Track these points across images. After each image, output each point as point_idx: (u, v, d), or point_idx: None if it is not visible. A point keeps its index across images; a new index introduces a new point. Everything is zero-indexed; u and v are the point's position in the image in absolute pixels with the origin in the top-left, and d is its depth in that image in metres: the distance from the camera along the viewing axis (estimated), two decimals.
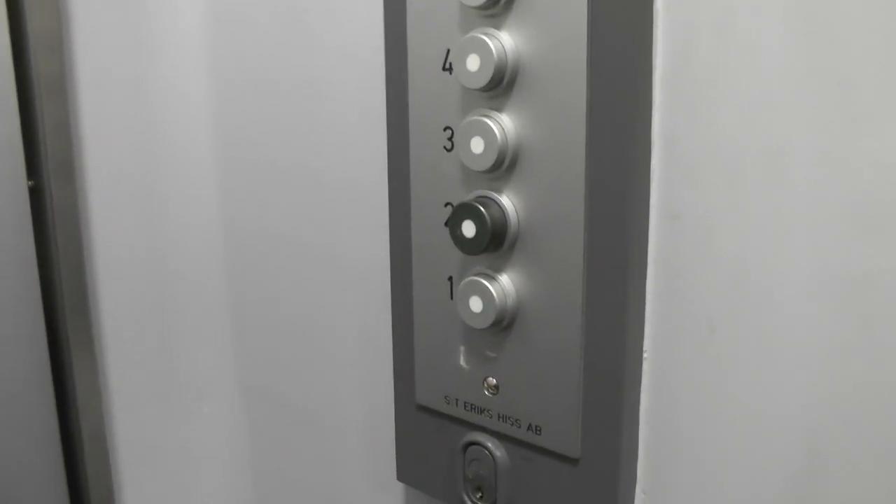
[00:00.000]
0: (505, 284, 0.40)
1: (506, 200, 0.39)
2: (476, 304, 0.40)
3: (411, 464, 0.48)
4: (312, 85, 0.51)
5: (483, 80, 0.37)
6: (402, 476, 0.48)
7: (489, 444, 0.43)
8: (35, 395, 0.57)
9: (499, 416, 0.42)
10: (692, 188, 0.37)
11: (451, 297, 0.42)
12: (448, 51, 0.40)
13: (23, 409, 0.57)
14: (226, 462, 0.63)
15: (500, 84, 0.38)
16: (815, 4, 0.32)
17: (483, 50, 0.37)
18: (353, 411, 0.54)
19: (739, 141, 0.35)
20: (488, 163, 0.38)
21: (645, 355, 0.39)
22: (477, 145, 0.39)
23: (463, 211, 0.39)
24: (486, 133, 0.38)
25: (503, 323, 0.40)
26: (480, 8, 0.37)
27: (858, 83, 0.32)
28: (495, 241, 0.39)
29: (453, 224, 0.40)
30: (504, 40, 0.37)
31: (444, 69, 0.40)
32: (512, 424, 0.42)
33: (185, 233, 0.59)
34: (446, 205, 0.42)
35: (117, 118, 0.56)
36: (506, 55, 0.37)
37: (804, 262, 0.34)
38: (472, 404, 0.43)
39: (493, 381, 0.42)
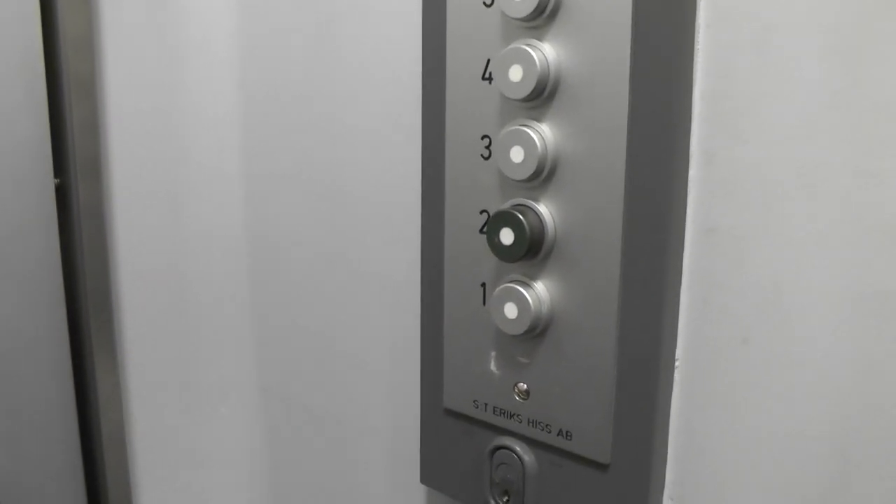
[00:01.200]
0: (540, 292, 0.41)
1: (543, 209, 0.40)
2: (511, 310, 0.41)
3: (436, 467, 0.48)
4: (343, 90, 0.51)
5: (525, 91, 0.38)
6: (425, 479, 0.49)
7: (518, 449, 0.44)
8: (56, 394, 0.57)
9: (528, 421, 0.43)
10: (729, 202, 0.37)
11: (484, 303, 0.43)
12: (488, 60, 0.40)
13: (44, 409, 0.57)
14: (244, 465, 0.64)
15: (542, 95, 0.39)
16: (854, 24, 0.33)
17: (527, 61, 0.38)
18: (375, 414, 0.55)
19: (776, 156, 0.36)
20: (528, 172, 0.39)
21: (677, 364, 0.40)
22: (517, 154, 0.39)
23: (501, 218, 0.40)
24: (527, 143, 0.39)
25: (537, 329, 0.41)
26: (524, 19, 0.38)
27: (895, 101, 0.33)
28: (533, 249, 0.40)
29: (491, 231, 0.40)
30: (546, 51, 0.38)
31: (483, 78, 0.41)
32: (542, 430, 0.42)
33: (209, 236, 0.60)
34: (482, 212, 0.42)
35: (145, 121, 0.57)
36: (548, 66, 0.38)
37: (838, 277, 0.35)
38: (501, 409, 0.44)
39: (523, 386, 0.43)
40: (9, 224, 0.53)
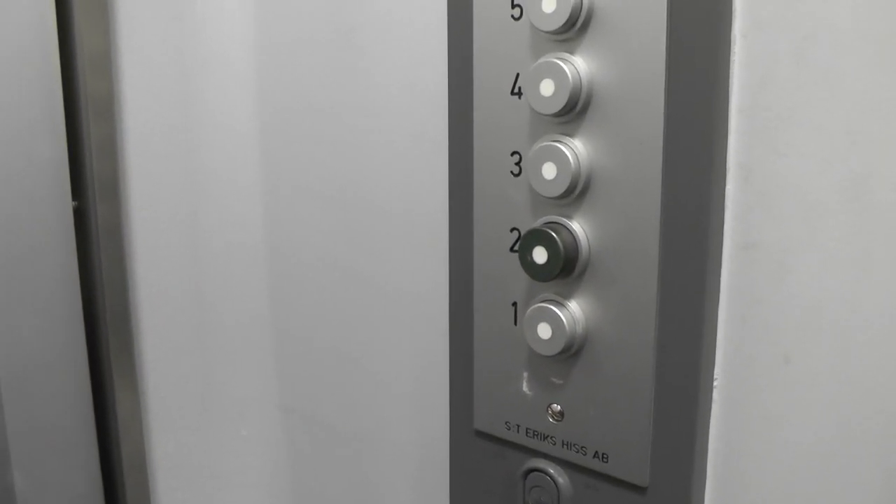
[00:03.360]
0: (574, 311, 0.40)
1: (576, 226, 0.39)
2: (545, 330, 0.40)
3: (466, 490, 0.47)
4: (365, 103, 0.50)
5: (557, 106, 0.37)
6: (455, 502, 0.48)
7: (551, 471, 0.43)
8: (75, 416, 0.56)
9: (563, 443, 0.42)
10: (768, 217, 0.36)
11: (516, 323, 0.42)
12: (517, 75, 0.40)
13: (63, 431, 0.56)
14: (265, 486, 0.63)
15: (574, 109, 0.38)
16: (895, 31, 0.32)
17: (558, 75, 0.37)
18: (402, 435, 0.54)
19: (817, 170, 0.35)
20: (560, 189, 0.38)
21: (715, 383, 0.39)
22: (549, 171, 0.38)
23: (534, 237, 0.39)
24: (559, 159, 0.38)
25: (572, 350, 0.40)
26: (554, 32, 0.37)
27: None
28: (567, 268, 0.39)
29: (524, 250, 0.39)
30: (578, 65, 0.37)
31: (512, 93, 0.40)
32: (577, 451, 0.41)
33: (229, 254, 0.59)
34: (512, 230, 0.41)
35: (163, 140, 0.56)
36: (580, 80, 0.37)
37: (882, 293, 0.34)
38: (534, 431, 0.43)
39: (557, 407, 0.42)
40: (27, 246, 0.53)
